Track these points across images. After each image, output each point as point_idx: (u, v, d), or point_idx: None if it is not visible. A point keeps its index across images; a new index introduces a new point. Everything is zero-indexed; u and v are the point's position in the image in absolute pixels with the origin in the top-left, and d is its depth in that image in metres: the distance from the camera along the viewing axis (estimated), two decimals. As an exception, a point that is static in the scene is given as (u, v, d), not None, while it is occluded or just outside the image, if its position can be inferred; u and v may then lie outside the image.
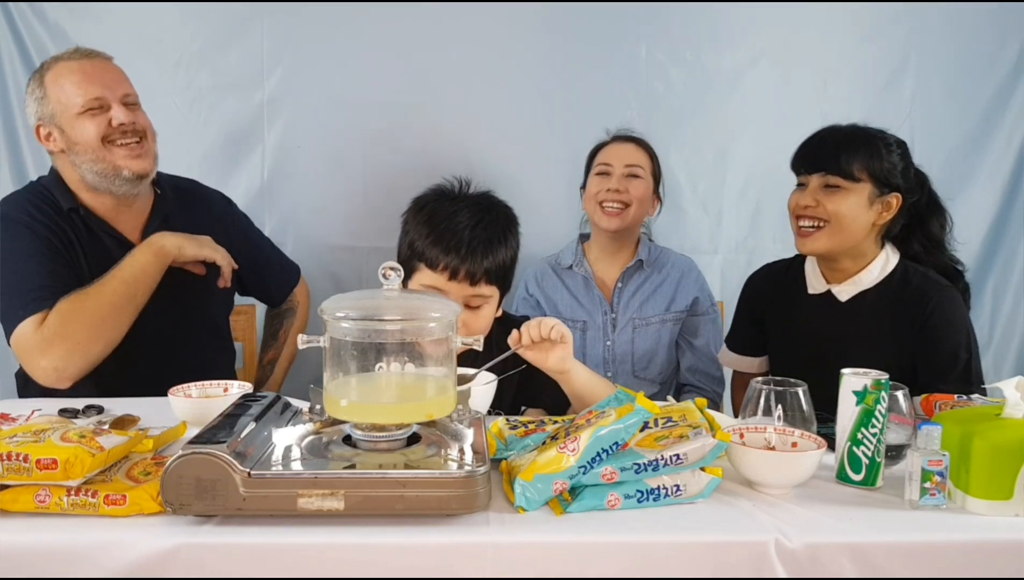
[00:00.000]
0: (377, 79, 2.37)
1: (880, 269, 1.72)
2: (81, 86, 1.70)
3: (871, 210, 1.68)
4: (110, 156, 1.71)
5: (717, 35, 2.45)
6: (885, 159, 1.67)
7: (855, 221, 1.67)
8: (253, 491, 1.01)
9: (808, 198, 1.70)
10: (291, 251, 2.41)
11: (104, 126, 1.71)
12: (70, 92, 1.69)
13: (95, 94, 1.70)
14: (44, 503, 1.03)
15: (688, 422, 1.18)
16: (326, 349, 1.16)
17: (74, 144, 1.71)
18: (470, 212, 1.58)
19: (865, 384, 1.20)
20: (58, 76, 1.71)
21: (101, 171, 1.72)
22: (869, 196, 1.67)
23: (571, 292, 2.21)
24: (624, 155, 2.16)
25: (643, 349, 2.18)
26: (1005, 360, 2.64)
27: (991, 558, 1.05)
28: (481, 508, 1.05)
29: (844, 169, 1.66)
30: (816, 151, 1.72)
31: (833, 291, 1.76)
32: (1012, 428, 1.13)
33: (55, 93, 1.70)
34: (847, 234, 1.68)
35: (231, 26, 2.34)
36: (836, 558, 1.02)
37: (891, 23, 2.48)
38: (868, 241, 1.71)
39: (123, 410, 1.40)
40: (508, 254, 1.60)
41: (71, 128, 1.70)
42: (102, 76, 1.73)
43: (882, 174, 1.67)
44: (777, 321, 1.88)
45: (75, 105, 1.69)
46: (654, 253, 2.24)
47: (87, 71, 1.71)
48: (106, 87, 1.72)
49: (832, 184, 1.68)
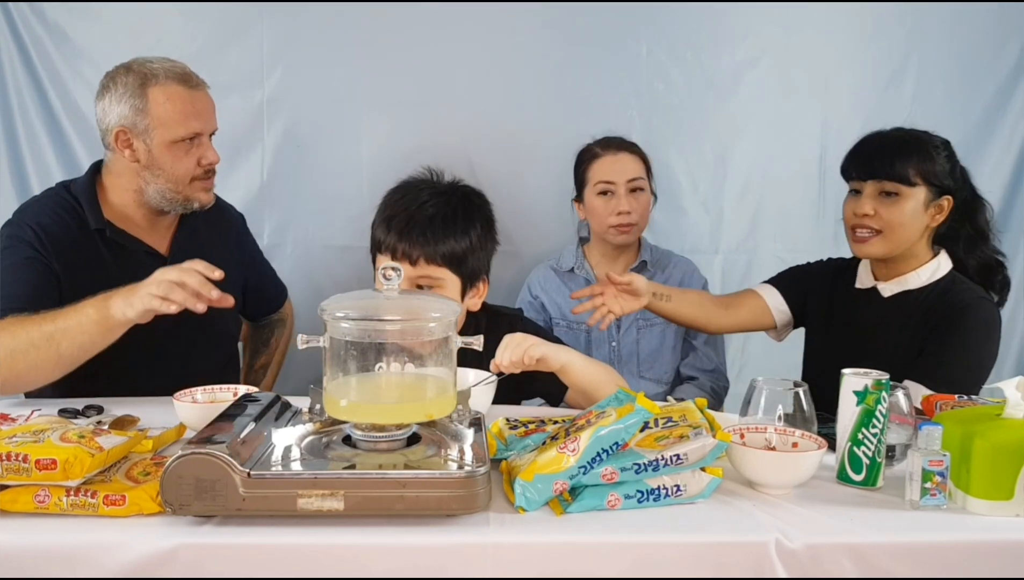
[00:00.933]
0: (377, 79, 2.37)
1: (930, 274, 1.73)
2: (187, 117, 1.70)
3: (926, 214, 1.69)
4: (189, 189, 1.75)
5: (717, 35, 2.45)
6: (937, 161, 1.67)
7: (911, 226, 1.68)
8: (253, 491, 1.01)
9: (866, 206, 1.69)
10: (291, 251, 2.42)
11: (194, 165, 1.73)
12: (175, 118, 1.69)
13: (196, 129, 1.72)
14: (43, 503, 1.03)
15: (688, 422, 1.18)
16: (326, 349, 1.16)
17: (158, 168, 1.71)
18: (429, 196, 1.58)
19: (866, 384, 1.19)
20: (167, 96, 1.69)
21: (171, 198, 1.74)
22: (925, 200, 1.68)
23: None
24: (624, 169, 2.14)
25: (648, 350, 2.18)
26: (1005, 360, 2.64)
27: (992, 558, 1.05)
28: (481, 508, 1.04)
29: (900, 174, 1.66)
30: (870, 157, 1.71)
31: (878, 287, 1.78)
32: (1013, 428, 1.13)
33: (158, 111, 1.68)
34: (903, 239, 1.69)
35: (231, 26, 2.34)
36: (837, 558, 1.02)
37: (891, 23, 2.48)
38: (920, 243, 1.73)
39: (123, 410, 1.40)
40: (466, 240, 1.56)
41: (161, 152, 1.70)
42: (204, 110, 1.75)
43: (935, 177, 1.67)
44: (819, 308, 1.89)
45: (175, 133, 1.70)
46: (656, 254, 2.24)
47: (195, 103, 1.72)
48: (205, 122, 1.75)
49: (889, 190, 1.68)
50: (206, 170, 1.77)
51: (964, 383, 1.59)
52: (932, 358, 1.66)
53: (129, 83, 1.70)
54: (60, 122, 2.33)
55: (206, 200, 1.80)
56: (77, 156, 2.34)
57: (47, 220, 1.72)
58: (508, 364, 1.39)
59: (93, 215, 1.74)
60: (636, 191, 2.14)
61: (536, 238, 2.45)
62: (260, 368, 2.15)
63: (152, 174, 1.72)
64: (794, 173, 2.52)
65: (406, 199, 1.58)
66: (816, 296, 1.90)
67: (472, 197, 1.64)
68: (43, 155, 2.35)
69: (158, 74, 1.70)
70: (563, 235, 2.38)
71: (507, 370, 1.41)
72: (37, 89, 2.32)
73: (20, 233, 1.69)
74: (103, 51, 2.32)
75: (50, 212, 1.73)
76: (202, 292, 1.46)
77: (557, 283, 2.25)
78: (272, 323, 2.17)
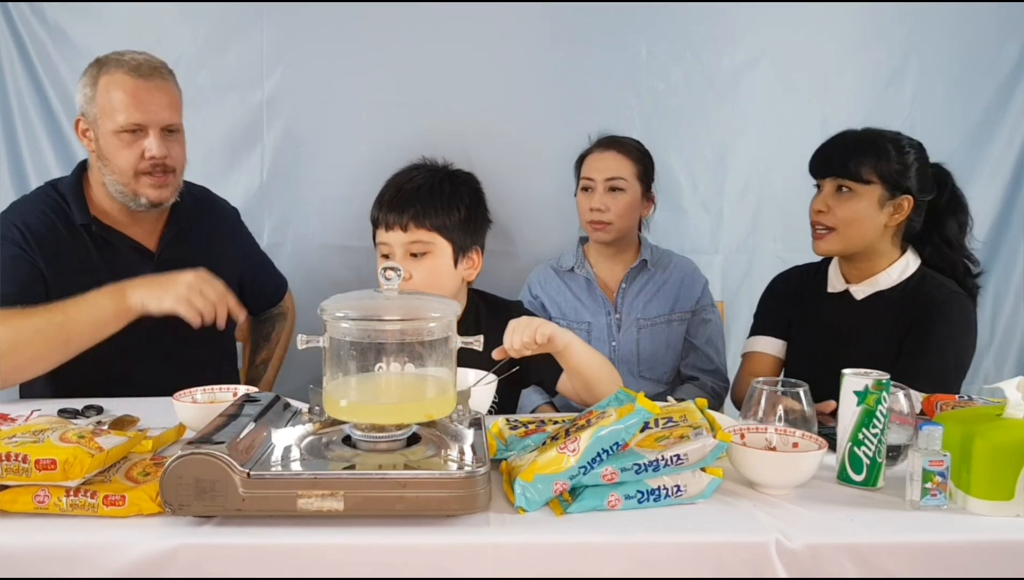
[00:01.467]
0: (377, 79, 2.37)
1: (899, 272, 1.76)
2: (127, 106, 1.67)
3: (882, 212, 1.72)
4: (135, 184, 1.71)
5: (717, 35, 2.45)
6: (895, 161, 1.71)
7: (865, 223, 1.72)
8: (252, 492, 1.01)
9: (820, 203, 1.77)
10: (291, 251, 2.42)
11: (136, 158, 1.69)
12: (115, 106, 1.67)
13: (136, 120, 1.67)
14: (43, 504, 1.03)
15: (689, 422, 1.18)
16: (326, 349, 1.16)
17: (106, 157, 1.71)
18: (419, 174, 1.69)
19: (866, 384, 1.19)
20: (111, 84, 1.68)
21: (122, 192, 1.73)
22: (880, 198, 1.71)
23: (574, 294, 2.21)
24: (604, 167, 2.14)
25: (648, 350, 2.18)
26: (1006, 360, 2.64)
27: (992, 558, 1.05)
28: (481, 509, 1.04)
29: (853, 172, 1.72)
30: (828, 155, 1.77)
31: (850, 290, 1.81)
32: (1013, 428, 1.13)
33: (102, 99, 1.68)
34: (858, 236, 1.74)
35: (231, 26, 2.33)
36: (837, 559, 1.02)
37: (891, 23, 2.48)
38: (884, 242, 1.76)
39: (122, 410, 1.40)
40: (451, 212, 1.65)
41: (106, 141, 1.69)
42: (151, 101, 1.69)
43: (892, 176, 1.71)
44: (798, 317, 1.91)
45: (115, 122, 1.67)
46: (656, 253, 2.24)
47: (138, 93, 1.67)
48: (150, 115, 1.69)
49: (843, 186, 1.73)
50: (153, 165, 1.70)
51: (945, 380, 1.61)
52: (911, 357, 1.67)
53: (90, 72, 1.71)
54: (60, 122, 2.33)
55: (156, 197, 1.73)
56: (77, 156, 2.33)
57: (32, 219, 1.72)
58: (519, 346, 1.40)
59: (79, 211, 1.74)
60: (615, 190, 2.12)
61: (536, 238, 2.45)
62: (261, 363, 2.15)
63: (104, 165, 1.72)
64: (794, 173, 2.48)
65: (398, 178, 1.69)
66: (790, 308, 1.93)
67: (459, 173, 1.74)
68: (43, 155, 2.35)
69: (112, 63, 1.69)
70: (563, 235, 2.38)
71: (516, 353, 1.42)
72: (37, 89, 2.32)
73: (5, 232, 1.70)
74: (103, 51, 2.28)
75: (36, 211, 1.74)
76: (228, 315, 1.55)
77: (557, 282, 2.24)
78: (273, 317, 2.17)
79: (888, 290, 1.76)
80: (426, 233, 1.64)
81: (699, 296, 2.21)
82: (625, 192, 2.13)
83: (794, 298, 1.94)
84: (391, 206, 1.64)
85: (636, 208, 2.17)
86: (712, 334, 2.20)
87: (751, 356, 1.98)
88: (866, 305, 1.78)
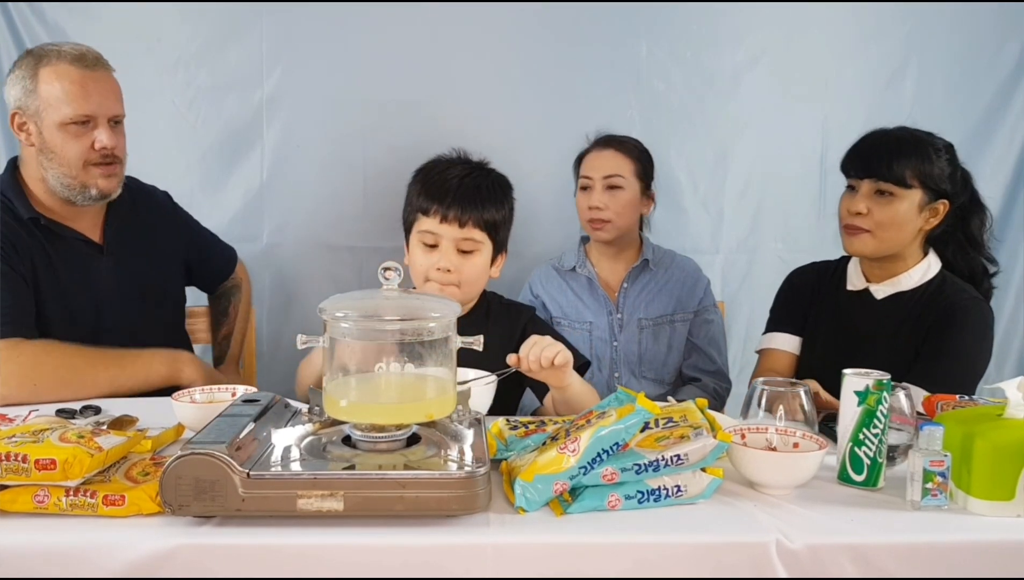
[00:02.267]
0: (377, 78, 2.37)
1: (921, 274, 1.74)
2: (74, 98, 1.64)
3: (919, 217, 1.69)
4: (84, 175, 1.69)
5: (717, 35, 2.45)
6: (935, 164, 1.67)
7: (904, 227, 1.69)
8: (252, 492, 1.01)
9: (860, 204, 1.70)
10: (291, 251, 2.42)
11: (87, 148, 1.67)
12: (61, 99, 1.64)
13: (86, 111, 1.65)
14: (43, 503, 1.03)
15: (689, 423, 1.18)
16: (326, 349, 1.15)
17: (50, 151, 1.67)
18: (462, 168, 1.70)
19: (867, 384, 1.19)
20: (54, 75, 1.64)
21: (68, 185, 1.69)
22: (920, 203, 1.68)
23: (576, 294, 2.21)
24: (602, 165, 2.14)
25: (650, 350, 2.17)
26: (1006, 360, 2.64)
27: (993, 559, 1.05)
28: (481, 509, 1.04)
29: (896, 175, 1.66)
30: (868, 155, 1.71)
31: (871, 289, 1.78)
32: (1014, 429, 1.13)
33: (46, 91, 1.64)
34: (894, 240, 1.70)
35: (230, 26, 2.33)
36: (837, 559, 1.02)
37: (892, 23, 2.48)
38: (913, 245, 1.73)
39: (121, 410, 1.40)
40: (499, 211, 1.69)
41: (51, 134, 1.66)
42: (98, 92, 1.68)
43: (932, 180, 1.67)
44: (814, 314, 1.89)
45: (62, 115, 1.64)
46: (658, 253, 2.24)
47: (86, 84, 1.66)
48: (99, 105, 1.67)
49: (884, 190, 1.68)
50: (103, 155, 1.69)
51: (962, 384, 1.59)
52: (929, 361, 1.66)
53: (25, 64, 1.67)
54: (59, 122, 2.33)
55: (105, 187, 1.72)
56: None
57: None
58: (533, 360, 1.40)
59: (23, 206, 1.71)
60: (613, 188, 2.12)
61: (537, 238, 2.45)
62: (223, 339, 2.15)
63: (47, 159, 1.67)
64: (794, 173, 2.51)
65: (449, 172, 1.69)
66: (807, 304, 1.90)
67: (496, 173, 1.77)
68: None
69: (51, 55, 1.66)
70: (564, 235, 2.37)
71: (524, 369, 1.41)
72: (36, 89, 2.32)
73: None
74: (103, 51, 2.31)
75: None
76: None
77: (559, 282, 2.24)
78: (227, 290, 2.17)
79: (909, 292, 1.73)
80: (479, 232, 1.66)
81: (701, 296, 2.20)
82: (624, 190, 2.13)
83: (811, 294, 1.90)
84: (454, 199, 1.64)
85: (635, 206, 2.16)
86: (714, 334, 2.20)
87: (768, 353, 1.93)
88: (886, 306, 1.75)
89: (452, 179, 1.66)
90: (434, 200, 1.65)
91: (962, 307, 1.67)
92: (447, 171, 1.69)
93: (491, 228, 1.68)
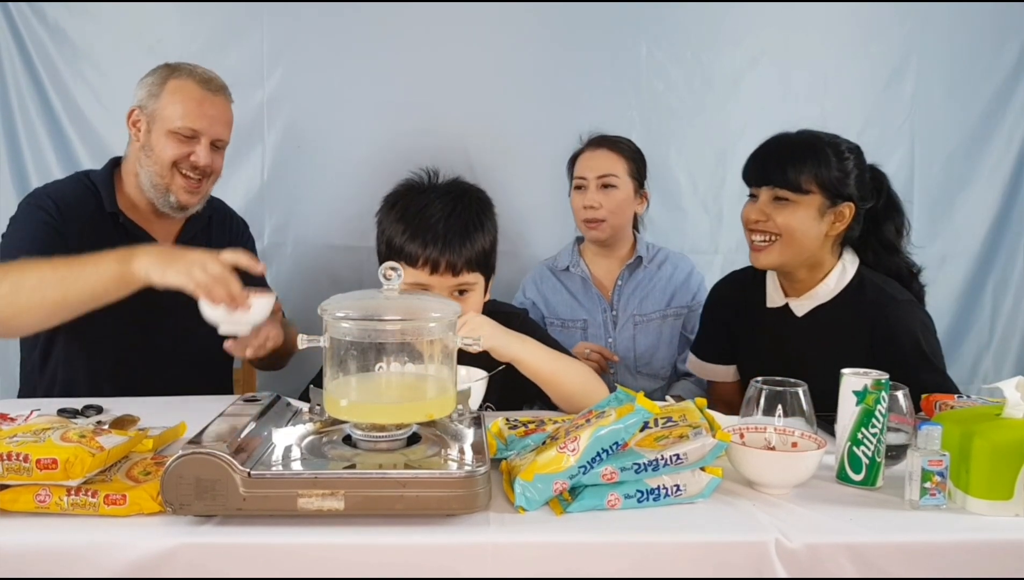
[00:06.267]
0: (377, 79, 2.37)
1: (836, 281, 1.68)
2: (188, 112, 1.77)
3: (823, 221, 1.63)
4: (171, 180, 1.78)
5: (717, 35, 2.45)
6: (835, 168, 1.62)
7: (806, 234, 1.63)
8: (253, 491, 1.01)
9: (757, 212, 1.66)
10: (291, 251, 2.42)
11: (182, 157, 1.78)
12: (177, 110, 1.76)
13: (194, 126, 1.77)
14: (44, 503, 1.03)
15: (688, 422, 1.18)
16: (326, 349, 1.16)
17: (150, 149, 1.78)
18: (442, 202, 1.57)
19: (865, 384, 1.20)
20: (178, 89, 1.78)
21: (156, 184, 1.79)
22: (820, 208, 1.62)
23: (570, 292, 2.22)
24: (596, 165, 2.15)
25: (644, 345, 2.19)
26: (1005, 360, 2.64)
27: (991, 558, 1.05)
28: (481, 508, 1.05)
29: (792, 182, 1.61)
30: (764, 163, 1.67)
31: (791, 306, 1.73)
32: (1012, 428, 1.13)
33: (167, 100, 1.77)
34: (799, 247, 1.64)
35: (231, 26, 2.34)
36: (836, 558, 1.02)
37: (891, 23, 2.48)
38: (824, 251, 1.68)
39: (122, 410, 1.40)
40: (487, 239, 1.59)
41: (157, 136, 1.77)
42: (211, 113, 1.80)
43: (832, 184, 1.62)
44: (742, 332, 1.85)
45: (172, 123, 1.76)
46: (652, 251, 2.25)
47: (203, 103, 1.79)
48: (207, 125, 1.79)
49: (781, 197, 1.63)
50: (193, 167, 1.78)
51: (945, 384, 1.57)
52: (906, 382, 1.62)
53: (157, 72, 1.81)
54: (60, 122, 2.34)
55: (186, 200, 1.80)
56: (77, 156, 2.34)
57: (68, 196, 1.78)
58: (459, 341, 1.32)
59: (108, 200, 1.80)
60: (607, 187, 2.13)
61: (535, 238, 2.45)
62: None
63: (145, 156, 1.78)
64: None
65: (427, 211, 1.55)
66: (736, 328, 1.86)
67: (474, 193, 1.65)
68: (43, 155, 2.35)
69: (183, 71, 1.81)
70: (562, 235, 2.38)
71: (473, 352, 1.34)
72: (37, 89, 2.33)
73: (39, 203, 1.76)
74: (103, 51, 2.32)
75: (70, 190, 1.81)
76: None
77: (553, 281, 2.25)
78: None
79: (828, 303, 1.68)
80: (470, 275, 1.57)
81: (695, 292, 2.21)
82: (618, 189, 2.14)
83: (733, 313, 1.86)
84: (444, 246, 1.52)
85: (629, 205, 2.17)
86: None
87: (715, 385, 1.96)
88: (808, 322, 1.70)
89: (436, 221, 1.53)
90: (421, 248, 1.52)
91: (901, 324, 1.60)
92: (427, 209, 1.55)
93: (481, 262, 1.58)
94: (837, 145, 1.66)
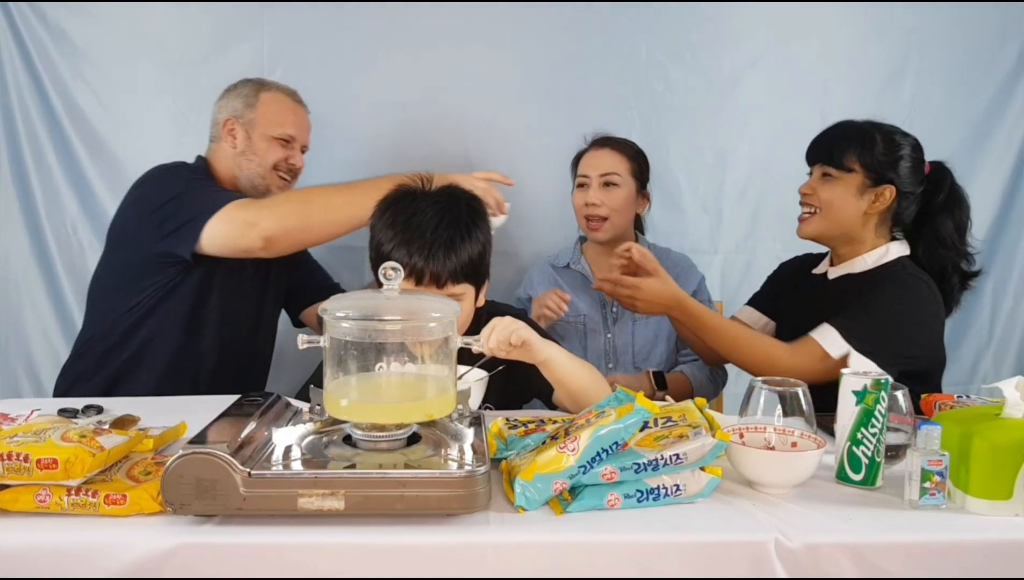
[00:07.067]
0: (377, 79, 2.37)
1: (876, 258, 1.78)
2: (288, 120, 2.02)
3: (862, 199, 1.76)
4: (270, 179, 2.00)
5: (717, 35, 2.45)
6: (880, 153, 1.74)
7: (843, 209, 1.77)
8: (253, 491, 1.01)
9: (807, 187, 1.83)
10: (291, 251, 2.42)
11: (281, 159, 2.01)
12: (279, 118, 2.00)
13: (292, 132, 2.02)
14: (44, 503, 1.03)
15: (688, 422, 1.18)
16: (326, 349, 1.16)
17: (252, 153, 1.98)
18: (432, 211, 1.55)
19: (865, 384, 1.20)
20: (274, 99, 2.02)
21: (256, 185, 1.99)
22: (860, 186, 1.75)
23: (570, 289, 2.22)
24: (598, 164, 2.16)
25: (643, 341, 2.19)
26: (1005, 360, 2.64)
27: (991, 558, 1.05)
28: (481, 508, 1.05)
29: (836, 160, 1.77)
30: (818, 144, 1.83)
31: (828, 271, 1.86)
32: (1012, 428, 1.13)
33: (265, 109, 2.00)
34: (836, 220, 1.78)
35: (231, 26, 2.34)
36: (836, 558, 1.02)
37: (891, 23, 2.48)
38: (866, 229, 1.78)
39: (123, 410, 1.40)
40: (475, 249, 1.56)
41: (259, 141, 1.98)
42: (302, 123, 2.06)
43: (875, 166, 1.74)
44: (789, 300, 1.96)
45: (274, 129, 1.99)
46: (652, 250, 2.24)
47: (297, 113, 2.05)
48: (300, 132, 2.05)
49: (828, 173, 1.79)
50: (289, 169, 2.02)
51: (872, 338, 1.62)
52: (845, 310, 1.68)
53: (247, 85, 2.03)
54: (60, 122, 2.33)
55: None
56: (77, 156, 2.34)
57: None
58: (494, 345, 1.35)
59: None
60: (609, 185, 2.14)
61: (535, 238, 2.45)
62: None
63: (246, 160, 1.99)
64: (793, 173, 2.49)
65: (415, 219, 1.54)
66: (786, 291, 1.98)
67: (465, 201, 1.62)
68: (43, 155, 2.35)
69: (271, 85, 2.05)
70: (563, 235, 2.38)
71: (491, 352, 1.36)
72: (37, 89, 2.32)
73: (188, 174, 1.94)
74: (103, 51, 2.32)
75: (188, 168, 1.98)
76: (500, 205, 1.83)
77: (553, 278, 2.26)
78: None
79: (859, 274, 1.79)
80: (456, 286, 1.55)
81: (695, 289, 2.21)
82: (620, 188, 2.15)
83: (788, 281, 2.00)
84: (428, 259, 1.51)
85: (631, 204, 2.18)
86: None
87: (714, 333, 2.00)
88: (836, 285, 1.82)
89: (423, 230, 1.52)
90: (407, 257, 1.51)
91: (894, 276, 1.73)
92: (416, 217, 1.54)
93: (469, 272, 1.56)
94: (890, 134, 1.78)
